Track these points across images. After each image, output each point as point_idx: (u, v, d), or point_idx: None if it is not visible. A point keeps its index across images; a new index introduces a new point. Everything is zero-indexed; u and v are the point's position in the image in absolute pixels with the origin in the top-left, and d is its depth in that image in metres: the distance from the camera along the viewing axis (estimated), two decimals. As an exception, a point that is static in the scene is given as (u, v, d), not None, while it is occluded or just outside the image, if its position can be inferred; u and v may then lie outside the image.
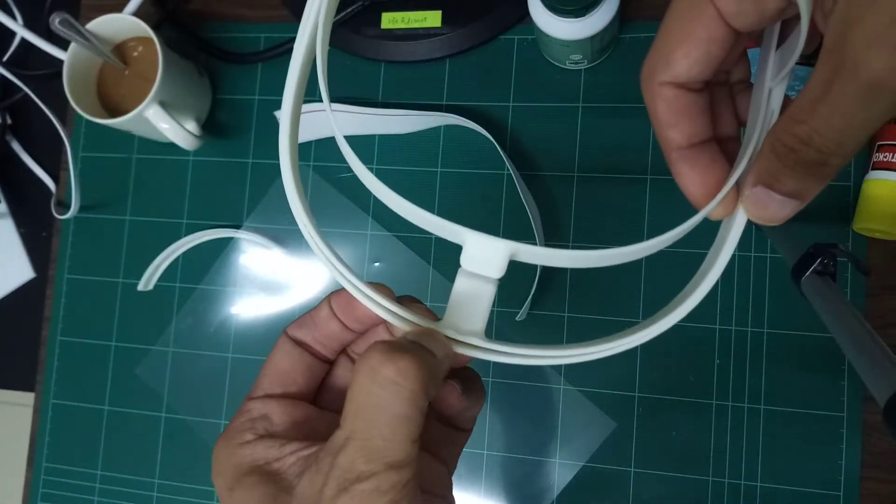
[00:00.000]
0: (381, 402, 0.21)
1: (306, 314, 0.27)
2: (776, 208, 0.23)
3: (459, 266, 0.24)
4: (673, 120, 0.24)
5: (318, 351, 0.27)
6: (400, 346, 0.22)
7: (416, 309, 0.26)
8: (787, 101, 0.24)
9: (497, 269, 0.24)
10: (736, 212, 0.24)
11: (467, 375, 0.27)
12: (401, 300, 0.26)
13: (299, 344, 0.27)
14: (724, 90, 0.27)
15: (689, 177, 0.25)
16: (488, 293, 0.25)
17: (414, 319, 0.25)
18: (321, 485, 0.22)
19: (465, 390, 0.27)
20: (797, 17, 0.22)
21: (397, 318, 0.25)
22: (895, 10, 0.18)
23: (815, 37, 0.21)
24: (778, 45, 0.24)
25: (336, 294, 0.27)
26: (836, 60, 0.19)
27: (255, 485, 0.24)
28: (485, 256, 0.24)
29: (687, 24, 0.23)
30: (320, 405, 0.28)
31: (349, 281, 0.25)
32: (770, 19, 0.23)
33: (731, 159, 0.25)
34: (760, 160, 0.23)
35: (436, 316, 0.26)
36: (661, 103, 0.24)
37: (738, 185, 0.24)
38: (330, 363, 0.28)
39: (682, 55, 0.23)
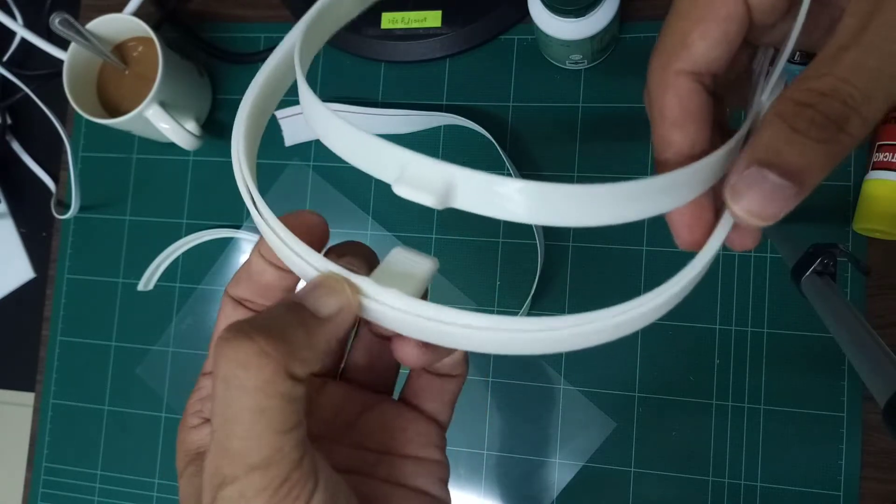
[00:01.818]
0: (228, 396, 0.18)
1: (241, 268, 0.25)
2: (768, 195, 0.18)
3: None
4: (681, 119, 0.21)
5: (263, 306, 0.24)
6: (241, 328, 0.19)
7: (348, 260, 0.23)
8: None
9: (433, 195, 0.18)
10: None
11: None
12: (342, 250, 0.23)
13: (241, 304, 0.24)
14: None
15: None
16: (422, 265, 0.22)
17: (329, 268, 0.21)
18: (203, 492, 0.19)
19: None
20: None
21: (309, 266, 0.21)
22: None
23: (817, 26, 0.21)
24: (771, 64, 0.23)
25: (263, 240, 0.24)
26: (871, 2, 0.18)
27: (194, 476, 0.22)
28: (421, 180, 0.18)
29: (702, 1, 0.21)
30: None
31: (261, 216, 0.22)
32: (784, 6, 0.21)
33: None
34: (759, 135, 0.19)
35: (367, 269, 0.23)
36: (673, 97, 0.21)
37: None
38: None
39: (699, 35, 0.21)
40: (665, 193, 0.19)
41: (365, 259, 0.24)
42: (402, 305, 0.20)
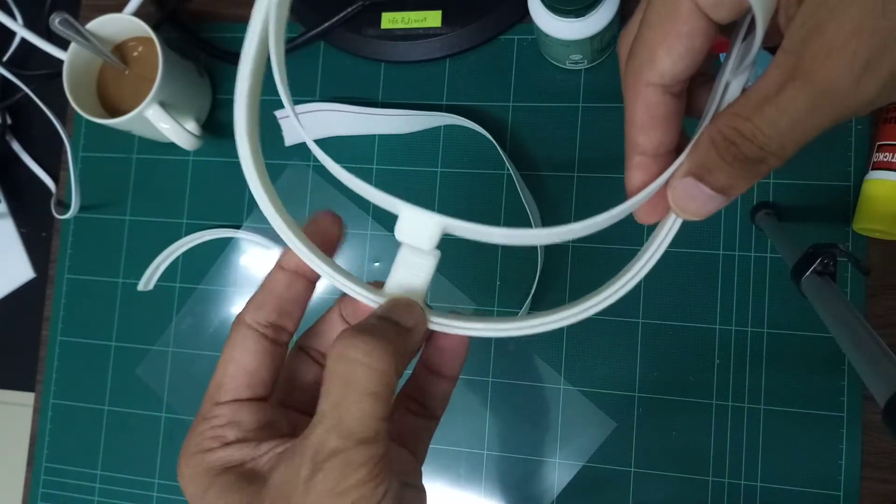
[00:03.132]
0: (349, 381, 0.22)
1: (261, 292, 0.27)
2: (701, 202, 0.23)
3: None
4: (648, 126, 0.24)
5: (283, 325, 0.27)
6: (365, 327, 0.23)
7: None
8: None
9: (427, 242, 0.24)
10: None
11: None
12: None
13: (260, 330, 0.26)
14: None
15: (639, 186, 0.25)
16: (427, 266, 0.25)
17: (356, 287, 0.25)
18: (297, 467, 0.22)
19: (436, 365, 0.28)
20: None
21: (343, 286, 0.25)
22: (858, 21, 0.18)
23: (776, 33, 0.21)
24: (746, 36, 0.24)
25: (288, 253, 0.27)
26: (792, 64, 0.19)
27: (230, 484, 0.24)
28: (416, 229, 0.24)
29: (666, 20, 0.22)
30: (280, 401, 0.28)
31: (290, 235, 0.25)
32: (747, 9, 0.22)
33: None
34: (696, 151, 0.23)
35: (377, 287, 0.26)
36: (642, 106, 0.24)
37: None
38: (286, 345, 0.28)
39: (665, 52, 0.22)
40: (581, 233, 0.24)
41: (329, 241, 0.27)
42: (449, 322, 0.26)
